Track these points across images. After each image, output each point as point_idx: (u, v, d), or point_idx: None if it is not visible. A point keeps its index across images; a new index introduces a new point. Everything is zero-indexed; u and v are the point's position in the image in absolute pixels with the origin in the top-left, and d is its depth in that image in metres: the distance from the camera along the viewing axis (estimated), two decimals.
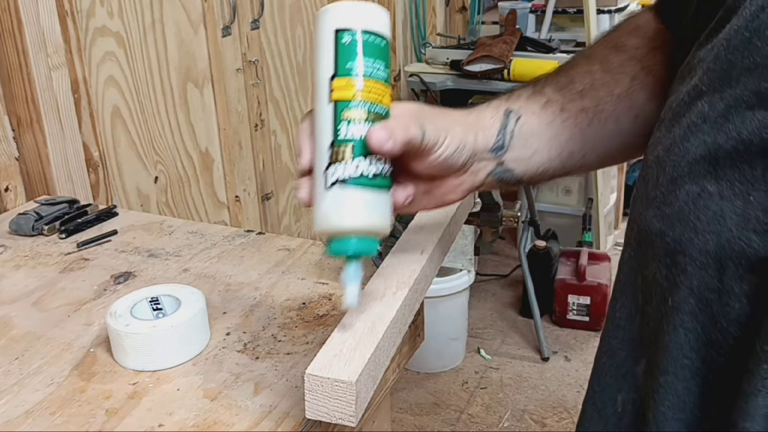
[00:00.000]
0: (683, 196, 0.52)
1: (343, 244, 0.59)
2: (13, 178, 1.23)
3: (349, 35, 0.58)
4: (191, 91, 1.61)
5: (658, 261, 0.55)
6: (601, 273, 2.55)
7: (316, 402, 0.59)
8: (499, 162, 0.67)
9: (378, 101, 0.58)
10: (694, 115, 0.52)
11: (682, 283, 0.53)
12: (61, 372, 0.77)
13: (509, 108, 0.68)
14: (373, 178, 0.57)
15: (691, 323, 0.53)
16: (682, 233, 0.52)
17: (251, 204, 1.88)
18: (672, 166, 0.54)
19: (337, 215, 0.57)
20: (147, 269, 0.99)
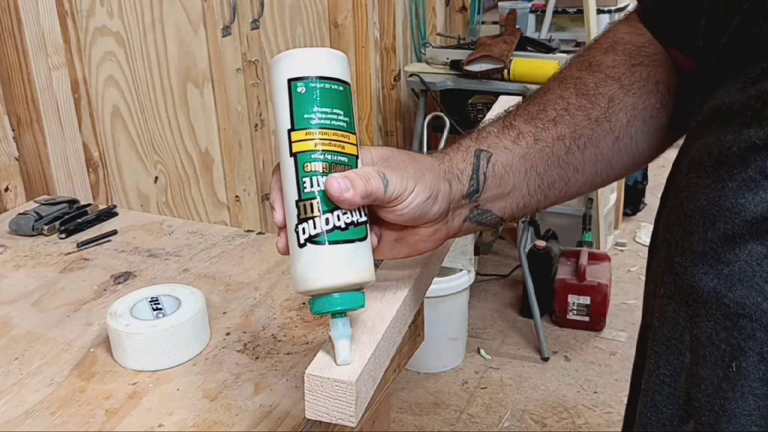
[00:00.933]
0: (745, 256, 0.49)
1: (326, 302, 0.56)
2: (13, 178, 1.23)
3: (303, 85, 0.55)
4: (191, 91, 1.61)
5: (715, 322, 0.52)
6: (601, 273, 2.55)
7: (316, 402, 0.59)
8: (474, 206, 0.64)
9: (339, 150, 0.55)
10: (752, 170, 0.49)
11: (751, 348, 0.50)
12: (60, 372, 0.77)
13: (479, 148, 0.64)
14: (346, 230, 0.55)
15: (762, 390, 0.50)
16: (746, 296, 0.49)
17: (251, 204, 1.88)
18: (724, 222, 0.50)
19: (315, 275, 0.55)
20: (147, 269, 0.99)
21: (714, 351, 0.52)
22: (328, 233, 0.54)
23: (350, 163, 0.56)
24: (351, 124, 0.57)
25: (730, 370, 0.51)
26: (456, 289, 2.28)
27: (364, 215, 0.56)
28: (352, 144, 0.56)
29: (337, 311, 0.56)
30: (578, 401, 2.23)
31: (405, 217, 0.59)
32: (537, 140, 0.65)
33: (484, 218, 0.65)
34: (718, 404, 0.52)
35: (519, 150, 0.65)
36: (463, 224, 0.65)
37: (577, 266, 2.54)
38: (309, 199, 0.54)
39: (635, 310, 2.65)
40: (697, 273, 0.52)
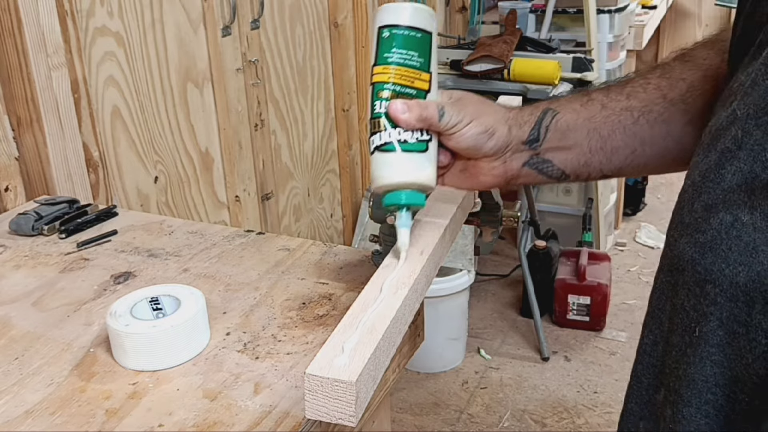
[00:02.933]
0: (716, 224, 0.52)
1: (393, 197, 0.70)
2: (13, 178, 1.23)
3: (388, 31, 0.69)
4: (191, 90, 1.61)
5: (688, 289, 0.54)
6: (601, 273, 2.55)
7: (316, 402, 0.59)
8: (534, 153, 0.73)
9: (408, 84, 0.69)
10: (729, 140, 0.52)
11: (712, 314, 0.52)
12: (60, 372, 0.77)
13: (548, 107, 0.73)
14: (405, 143, 0.68)
15: (719, 356, 0.52)
16: (713, 262, 0.52)
17: (251, 204, 1.88)
18: (707, 192, 0.53)
19: (381, 175, 0.69)
20: (147, 269, 0.99)
21: (684, 317, 0.55)
22: (387, 144, 0.68)
23: (418, 96, 0.69)
24: (425, 65, 0.70)
25: (694, 335, 0.54)
26: (456, 289, 2.28)
27: (425, 135, 0.69)
28: (423, 81, 0.69)
29: (402, 204, 0.69)
30: (578, 401, 2.24)
31: (461, 145, 0.70)
32: (604, 107, 0.72)
33: (544, 167, 0.73)
34: (681, 369, 0.55)
35: (585, 113, 0.72)
36: (522, 167, 0.73)
37: (577, 266, 2.54)
38: (377, 118, 0.69)
39: (635, 310, 2.65)
40: (681, 243, 0.55)
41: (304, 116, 2.10)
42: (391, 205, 0.70)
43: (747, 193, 0.50)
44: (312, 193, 2.20)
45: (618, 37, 2.77)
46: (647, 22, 3.07)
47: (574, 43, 2.76)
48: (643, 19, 3.08)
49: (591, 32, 2.60)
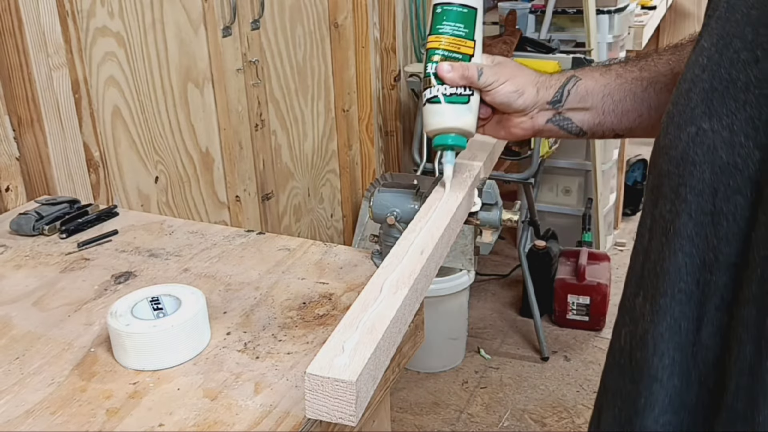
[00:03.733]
0: (685, 137, 0.63)
1: (441, 139, 0.85)
2: (14, 178, 1.23)
3: (441, 8, 0.85)
4: (191, 91, 1.61)
5: (665, 198, 0.65)
6: (601, 273, 2.55)
7: (316, 401, 0.59)
8: (557, 113, 0.87)
9: (455, 50, 0.85)
10: (697, 68, 0.63)
11: (683, 210, 0.63)
12: (61, 372, 0.78)
13: (573, 74, 0.88)
14: (450, 96, 0.84)
15: (689, 247, 0.63)
16: (684, 168, 0.62)
17: (251, 204, 1.88)
18: (678, 115, 0.64)
19: (428, 122, 0.85)
20: (147, 269, 0.99)
21: (661, 222, 0.65)
22: (435, 97, 0.84)
23: (463, 59, 0.85)
24: (470, 34, 0.85)
25: (669, 233, 0.64)
26: (456, 289, 2.28)
27: (468, 91, 0.84)
28: (468, 47, 0.85)
29: (447, 145, 0.85)
30: (578, 401, 2.24)
31: (496, 100, 0.85)
32: (619, 76, 0.87)
33: (565, 124, 0.88)
34: (659, 266, 0.65)
35: (602, 80, 0.87)
36: (546, 123, 0.88)
37: (577, 266, 2.54)
38: (428, 77, 0.85)
39: None
40: (660, 163, 0.66)
41: (304, 116, 2.10)
42: (439, 145, 0.86)
43: (707, 105, 0.61)
44: (312, 193, 2.20)
45: (617, 37, 2.77)
46: (647, 23, 3.08)
47: (574, 43, 2.76)
48: (642, 20, 3.08)
49: (590, 33, 2.60)
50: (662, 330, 0.64)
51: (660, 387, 0.65)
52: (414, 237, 0.78)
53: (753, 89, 0.58)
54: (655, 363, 0.65)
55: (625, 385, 0.69)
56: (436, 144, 0.86)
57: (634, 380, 0.67)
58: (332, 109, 2.25)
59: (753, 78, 0.58)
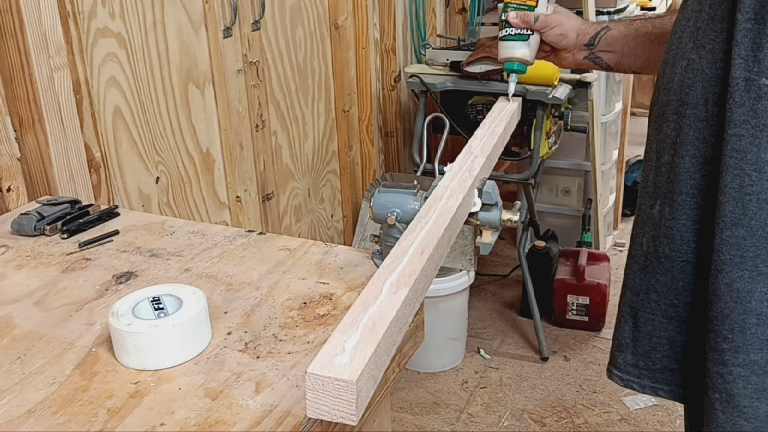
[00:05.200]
0: (680, 70, 0.84)
1: (508, 65, 1.19)
2: (15, 178, 1.24)
3: None
4: (192, 91, 1.61)
5: (668, 120, 0.86)
6: (601, 273, 2.55)
7: (317, 401, 0.60)
8: (591, 53, 1.18)
9: (522, 3, 1.17)
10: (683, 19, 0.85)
11: (685, 123, 0.83)
12: (62, 371, 0.78)
13: (606, 25, 1.17)
14: (515, 35, 1.18)
15: (693, 150, 0.83)
16: (681, 91, 0.84)
17: (252, 204, 1.88)
18: (673, 57, 0.86)
19: (500, 52, 1.20)
20: (148, 269, 0.99)
21: (668, 140, 0.86)
22: (506, 36, 1.18)
23: (528, 10, 1.16)
24: None
25: (676, 144, 0.85)
26: (456, 289, 2.28)
27: (528, 32, 1.17)
28: (532, 1, 1.17)
29: (513, 69, 1.20)
30: (577, 401, 2.24)
31: (548, 39, 1.18)
32: (636, 30, 1.15)
33: (597, 60, 1.18)
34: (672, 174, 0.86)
35: (624, 31, 1.16)
36: (583, 60, 1.19)
37: (577, 266, 2.54)
38: (503, 21, 1.18)
39: None
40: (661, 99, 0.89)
41: (304, 117, 2.10)
42: (507, 70, 1.19)
43: (693, 41, 0.82)
44: (312, 193, 2.21)
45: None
46: None
47: None
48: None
49: None
50: (684, 221, 0.84)
51: (691, 267, 0.85)
52: (414, 237, 0.79)
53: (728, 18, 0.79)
54: (684, 249, 0.85)
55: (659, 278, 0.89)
56: (505, 69, 1.20)
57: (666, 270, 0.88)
58: (332, 110, 2.26)
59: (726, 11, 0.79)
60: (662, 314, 0.90)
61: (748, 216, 0.77)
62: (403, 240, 0.78)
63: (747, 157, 0.76)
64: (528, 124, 2.32)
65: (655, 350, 0.92)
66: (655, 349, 0.92)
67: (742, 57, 0.77)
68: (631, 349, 0.94)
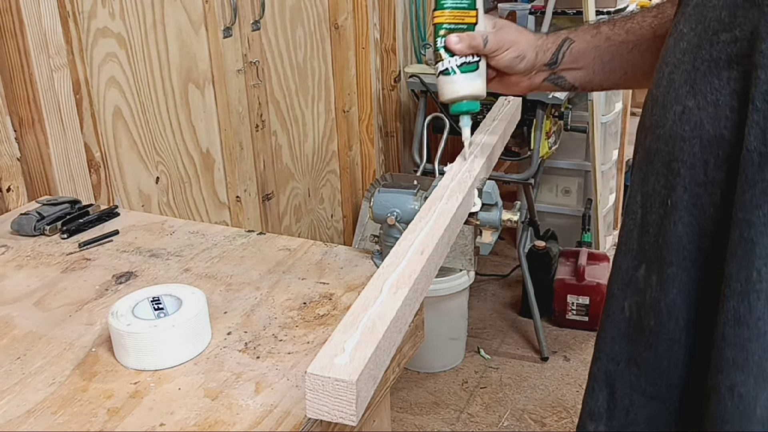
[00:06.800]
0: (671, 116, 0.69)
1: (456, 106, 0.93)
2: (15, 178, 1.24)
3: None
4: (192, 91, 1.61)
5: (657, 174, 0.71)
6: (601, 273, 2.55)
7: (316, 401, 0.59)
8: (552, 72, 0.95)
9: (460, 22, 0.91)
10: (678, 53, 0.69)
11: (678, 183, 0.68)
12: (62, 371, 0.78)
13: (567, 36, 0.95)
14: (461, 66, 0.91)
15: (688, 217, 0.68)
16: (674, 144, 0.68)
17: (252, 204, 1.88)
18: (662, 96, 0.70)
19: (444, 92, 0.93)
20: (148, 269, 0.99)
21: (656, 197, 0.71)
22: (447, 69, 0.91)
23: (468, 29, 0.91)
24: (472, 5, 0.91)
25: (667, 206, 0.70)
26: (456, 289, 2.28)
27: (475, 58, 0.91)
28: (471, 17, 0.91)
29: (463, 111, 0.93)
30: (577, 401, 2.24)
31: (500, 65, 0.92)
32: (608, 39, 0.94)
33: (559, 81, 0.96)
34: (661, 238, 0.70)
35: (593, 42, 0.94)
36: (542, 82, 0.96)
37: (577, 266, 2.54)
38: (439, 50, 0.91)
39: None
40: (647, 143, 0.72)
41: (304, 117, 2.10)
42: (455, 112, 0.93)
43: (690, 85, 0.67)
44: (312, 193, 2.21)
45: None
46: None
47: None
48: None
49: None
50: (673, 296, 0.70)
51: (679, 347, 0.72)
52: (414, 237, 0.78)
53: (735, 66, 0.63)
54: (671, 327, 0.71)
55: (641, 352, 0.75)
56: (453, 111, 0.94)
57: (650, 345, 0.74)
58: (332, 110, 2.26)
59: (734, 56, 0.63)
60: (642, 392, 0.77)
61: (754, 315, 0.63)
62: (403, 240, 0.78)
63: (756, 249, 0.62)
64: (528, 124, 2.32)
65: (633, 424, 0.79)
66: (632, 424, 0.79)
67: (760, 127, 0.61)
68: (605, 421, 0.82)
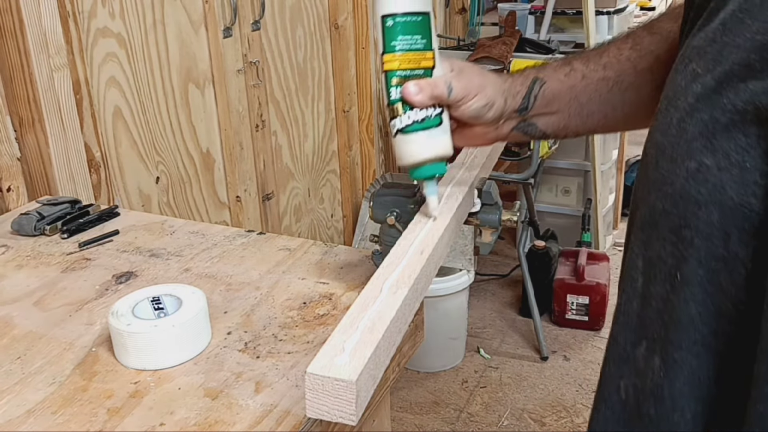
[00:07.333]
0: (683, 173, 0.56)
1: (418, 171, 0.77)
2: (15, 178, 1.24)
3: (391, 20, 0.74)
4: (192, 91, 1.62)
5: (663, 239, 0.58)
6: (600, 273, 2.55)
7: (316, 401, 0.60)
8: (522, 119, 0.81)
9: (416, 67, 0.75)
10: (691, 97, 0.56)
11: (691, 255, 0.55)
12: (62, 371, 0.78)
13: (537, 76, 0.81)
14: (422, 122, 0.75)
15: (701, 295, 0.55)
16: (686, 208, 0.55)
17: (252, 204, 1.88)
18: (671, 147, 0.57)
19: (404, 155, 0.77)
20: (148, 269, 0.99)
21: (662, 267, 0.58)
22: (409, 126, 0.75)
23: (426, 74, 0.76)
24: (428, 44, 0.76)
25: (676, 280, 0.57)
26: (456, 288, 2.29)
27: (437, 109, 0.76)
28: (428, 59, 0.76)
29: (427, 177, 0.78)
30: (577, 400, 2.24)
31: (465, 116, 0.77)
32: (585, 77, 0.80)
33: (529, 129, 0.82)
34: (666, 316, 0.58)
35: (568, 82, 0.80)
36: (511, 132, 0.82)
37: (576, 266, 2.54)
38: (394, 104, 0.75)
39: None
40: (650, 200, 0.59)
41: (304, 117, 2.10)
42: (418, 178, 0.79)
43: (707, 139, 0.54)
44: (312, 193, 2.21)
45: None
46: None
47: (573, 44, 2.76)
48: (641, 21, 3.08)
49: (590, 33, 2.60)
50: (680, 385, 0.58)
51: None
52: (414, 237, 0.79)
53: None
54: (675, 419, 0.59)
55: None
56: (415, 177, 0.78)
57: None
58: (332, 110, 2.26)
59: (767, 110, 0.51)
60: None
61: None
62: (403, 240, 0.78)
63: None
64: None
65: None
66: None
67: None
68: None
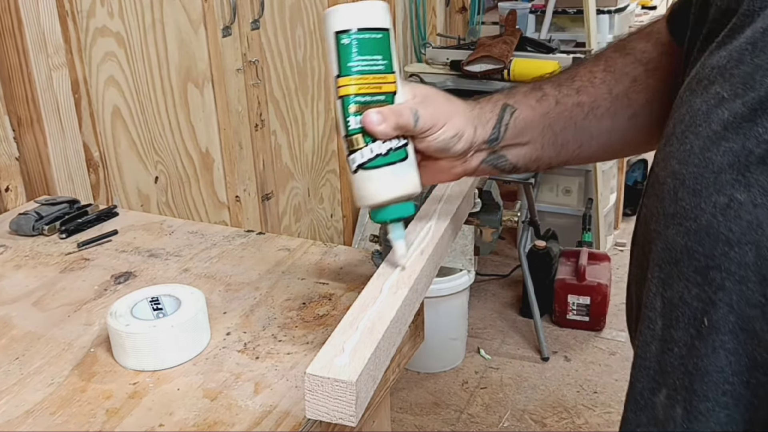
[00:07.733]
0: (710, 208, 0.50)
1: (382, 213, 0.68)
2: (14, 178, 1.23)
3: (347, 37, 0.64)
4: (191, 91, 1.61)
5: (687, 280, 0.52)
6: (601, 273, 2.55)
7: (316, 402, 0.59)
8: (492, 151, 0.73)
9: (376, 92, 0.65)
10: (716, 123, 0.50)
11: (721, 300, 0.50)
12: (61, 372, 0.78)
13: (506, 103, 0.74)
14: (387, 155, 0.66)
15: (732, 343, 0.50)
16: (714, 247, 0.50)
17: (251, 204, 1.88)
18: (693, 178, 0.51)
19: (367, 194, 0.67)
20: (147, 269, 0.99)
21: (686, 310, 0.52)
22: (371, 160, 0.65)
23: (387, 101, 0.66)
24: (389, 66, 0.66)
25: (703, 326, 0.51)
26: (456, 289, 2.28)
27: (402, 140, 0.67)
28: (389, 83, 0.66)
29: (392, 219, 0.68)
30: (578, 401, 2.24)
31: (431, 148, 0.69)
32: (558, 103, 0.73)
33: (498, 162, 0.74)
34: (691, 364, 0.52)
35: (540, 109, 0.73)
36: (479, 165, 0.74)
37: (577, 266, 2.54)
38: (354, 135, 0.66)
39: None
40: (669, 234, 0.53)
41: (304, 116, 2.10)
42: (382, 221, 0.69)
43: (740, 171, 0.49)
44: (312, 193, 2.20)
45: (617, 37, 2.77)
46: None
47: (574, 43, 2.76)
48: (642, 20, 3.08)
49: (591, 33, 2.60)
50: None
51: None
52: (414, 237, 0.78)
53: None
54: None
55: None
56: (378, 219, 0.69)
57: None
58: (332, 110, 2.25)
59: None
60: None
61: None
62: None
63: None
64: None
65: None
66: None
67: None
68: None
